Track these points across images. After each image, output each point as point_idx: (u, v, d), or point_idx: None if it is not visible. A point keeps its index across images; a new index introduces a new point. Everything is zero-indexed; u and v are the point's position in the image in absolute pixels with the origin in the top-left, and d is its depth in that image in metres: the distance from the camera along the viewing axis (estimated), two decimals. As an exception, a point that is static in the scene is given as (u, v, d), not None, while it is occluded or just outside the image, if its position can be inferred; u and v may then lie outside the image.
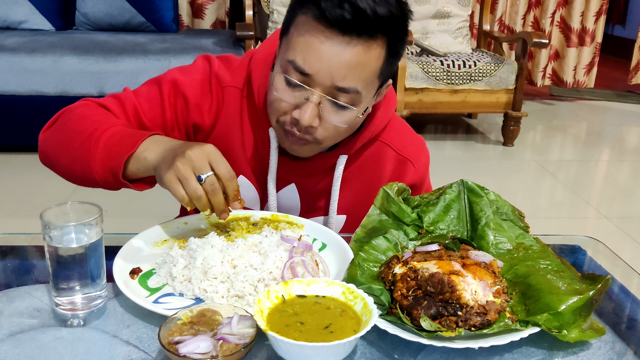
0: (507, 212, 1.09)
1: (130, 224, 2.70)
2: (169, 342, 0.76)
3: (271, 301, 0.83)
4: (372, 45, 1.01)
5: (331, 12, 0.97)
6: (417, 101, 3.87)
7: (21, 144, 3.51)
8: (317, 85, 1.02)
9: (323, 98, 1.03)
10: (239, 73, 1.19)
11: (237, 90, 1.18)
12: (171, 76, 1.17)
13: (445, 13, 4.17)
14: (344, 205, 1.24)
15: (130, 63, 3.44)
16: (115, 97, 1.16)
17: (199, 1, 4.48)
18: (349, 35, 0.99)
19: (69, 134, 1.08)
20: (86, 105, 1.13)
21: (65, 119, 1.11)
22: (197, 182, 0.93)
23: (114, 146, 1.01)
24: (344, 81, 1.01)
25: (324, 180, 1.23)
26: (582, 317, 0.87)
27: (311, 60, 1.00)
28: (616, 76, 6.14)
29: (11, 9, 3.83)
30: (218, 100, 1.18)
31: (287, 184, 1.22)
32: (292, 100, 1.04)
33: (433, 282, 0.85)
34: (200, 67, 1.19)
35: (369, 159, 1.24)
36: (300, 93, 1.03)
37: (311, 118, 1.03)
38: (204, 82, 1.17)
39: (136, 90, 1.19)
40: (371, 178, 1.25)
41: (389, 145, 1.25)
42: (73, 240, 0.85)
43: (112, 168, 1.00)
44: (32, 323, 0.86)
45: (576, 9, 4.99)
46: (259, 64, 1.17)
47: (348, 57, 1.00)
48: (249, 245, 0.97)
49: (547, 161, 3.97)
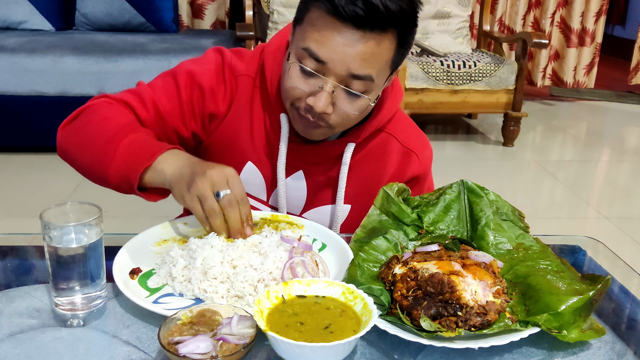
0: (507, 213, 1.09)
1: (130, 224, 2.70)
2: (168, 342, 0.76)
3: (271, 301, 0.83)
4: (384, 38, 1.04)
5: (344, 8, 0.99)
6: (417, 101, 3.88)
7: (21, 144, 3.51)
8: (331, 74, 1.05)
9: (337, 86, 1.06)
10: (251, 63, 1.22)
11: (250, 78, 1.21)
12: (185, 67, 1.19)
13: (445, 13, 4.17)
14: (349, 194, 1.25)
15: (130, 63, 3.44)
16: (133, 93, 1.17)
17: (199, 1, 4.48)
18: (362, 29, 1.01)
19: (89, 134, 1.09)
20: (108, 104, 1.14)
21: (87, 119, 1.12)
22: (214, 200, 0.96)
23: (131, 155, 1.03)
24: (359, 69, 1.04)
25: (331, 168, 1.25)
26: (582, 317, 0.87)
27: (326, 49, 1.03)
28: (616, 76, 6.14)
29: (11, 9, 3.83)
30: (232, 88, 1.20)
31: (295, 170, 1.24)
32: (307, 88, 1.07)
33: (433, 283, 0.85)
34: (213, 58, 1.21)
35: (374, 149, 1.26)
36: (315, 81, 1.06)
37: (325, 105, 1.06)
38: (218, 72, 1.20)
39: (151, 83, 1.20)
40: (376, 168, 1.27)
41: (395, 137, 1.27)
42: (73, 241, 0.85)
43: (127, 177, 1.02)
44: (31, 323, 0.86)
45: (576, 9, 4.99)
46: (272, 53, 1.19)
47: (362, 49, 1.02)
48: (248, 246, 0.97)
49: (547, 161, 3.97)
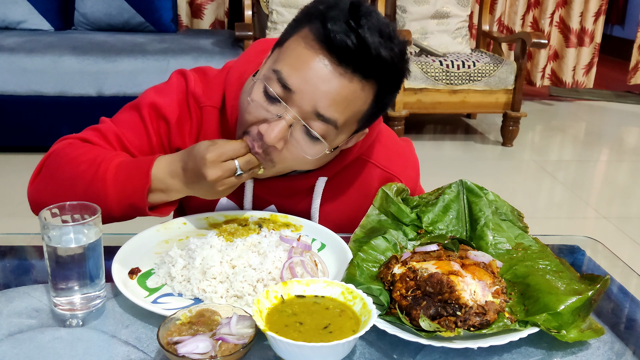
0: (506, 212, 1.09)
1: (129, 224, 2.69)
2: (167, 342, 0.76)
3: (270, 301, 0.83)
4: (364, 86, 0.96)
5: (336, 37, 0.91)
6: (416, 101, 3.88)
7: (20, 144, 3.50)
8: (295, 105, 0.95)
9: (297, 121, 0.96)
10: (215, 89, 1.14)
11: (215, 109, 1.13)
12: (149, 99, 1.12)
13: (444, 13, 4.17)
14: (331, 227, 1.13)
15: (129, 63, 3.44)
16: (96, 130, 1.11)
17: (198, 1, 4.48)
18: (345, 66, 0.93)
19: (66, 181, 1.04)
20: (70, 145, 1.09)
21: (54, 166, 1.07)
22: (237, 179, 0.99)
23: (124, 182, 1.00)
24: (326, 109, 0.95)
25: (304, 201, 1.17)
26: (581, 317, 0.87)
27: (298, 76, 0.94)
28: (615, 76, 6.15)
29: (10, 9, 3.83)
30: (198, 121, 1.13)
31: (266, 204, 1.18)
32: (264, 114, 0.97)
33: (432, 283, 0.85)
34: (176, 86, 1.14)
35: (352, 179, 1.18)
36: (275, 108, 0.96)
37: (277, 138, 0.95)
38: (181, 103, 1.13)
39: (114, 118, 1.15)
40: (357, 198, 1.19)
41: (374, 163, 1.19)
42: (72, 241, 0.85)
43: (132, 205, 1.01)
44: (30, 323, 0.86)
45: (575, 9, 4.99)
46: (234, 83, 1.11)
47: (336, 88, 0.94)
48: (247, 246, 0.97)
49: (546, 161, 3.97)
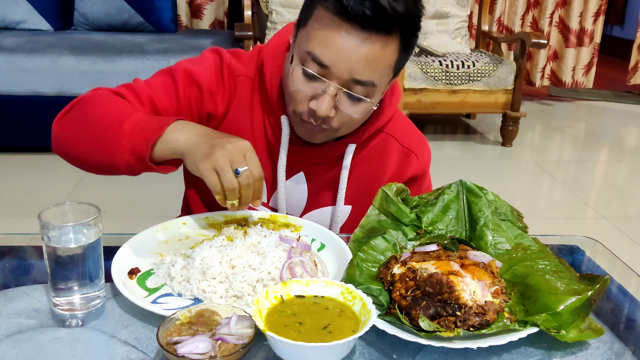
0: (505, 213, 1.09)
1: (128, 224, 2.69)
2: (167, 342, 0.76)
3: (270, 301, 0.83)
4: (389, 40, 1.03)
5: (352, 7, 0.99)
6: (415, 101, 3.88)
7: (19, 144, 3.50)
8: (334, 78, 1.04)
9: (339, 90, 1.05)
10: (249, 64, 1.21)
11: (249, 79, 1.20)
12: (183, 66, 1.18)
13: (443, 13, 4.17)
14: (350, 195, 1.25)
15: (128, 63, 3.44)
16: (129, 87, 1.16)
17: (197, 1, 4.48)
18: (367, 31, 1.01)
19: (89, 121, 1.08)
20: (103, 94, 1.13)
21: (83, 108, 1.11)
22: (233, 175, 0.97)
23: (139, 131, 1.02)
24: (361, 74, 1.03)
25: (332, 169, 1.24)
26: (581, 317, 0.87)
27: (330, 52, 1.02)
28: (615, 77, 6.15)
29: (9, 9, 3.82)
30: (230, 89, 1.19)
31: (295, 172, 1.23)
32: (310, 92, 1.06)
33: (432, 283, 0.85)
34: (211, 59, 1.20)
35: (374, 149, 1.26)
36: (318, 85, 1.05)
37: (327, 109, 1.05)
38: (216, 72, 1.19)
39: (148, 80, 1.19)
40: (376, 168, 1.27)
41: (394, 137, 1.27)
42: (71, 241, 0.85)
43: (138, 152, 1.01)
44: (30, 323, 0.86)
45: (575, 9, 4.99)
46: (270, 54, 1.19)
47: (366, 52, 1.02)
48: (247, 246, 0.97)
49: (545, 161, 3.97)
